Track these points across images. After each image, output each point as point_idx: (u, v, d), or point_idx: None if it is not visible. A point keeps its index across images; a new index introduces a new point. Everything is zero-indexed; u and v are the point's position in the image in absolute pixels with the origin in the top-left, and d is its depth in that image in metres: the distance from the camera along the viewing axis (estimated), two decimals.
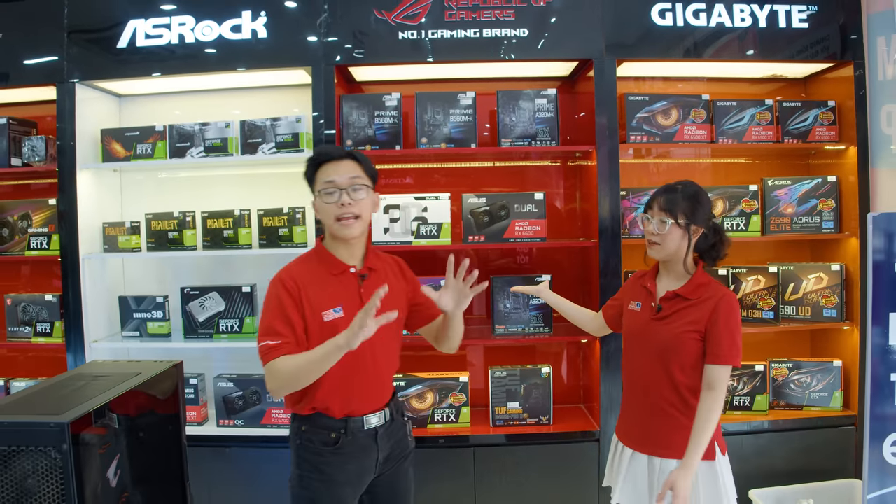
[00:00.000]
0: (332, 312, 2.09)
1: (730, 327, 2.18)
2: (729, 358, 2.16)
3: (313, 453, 2.13)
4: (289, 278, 2.10)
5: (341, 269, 2.16)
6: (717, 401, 2.13)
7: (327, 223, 2.14)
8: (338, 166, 2.14)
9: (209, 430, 3.50)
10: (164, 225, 3.54)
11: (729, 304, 2.21)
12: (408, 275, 2.38)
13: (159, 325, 3.57)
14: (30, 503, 1.23)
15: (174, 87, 3.75)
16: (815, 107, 3.50)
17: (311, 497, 2.15)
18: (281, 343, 2.00)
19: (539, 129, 3.35)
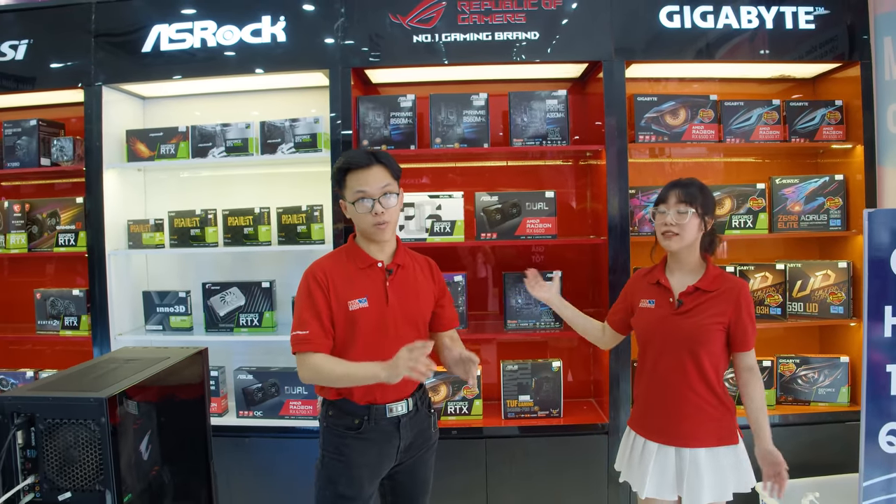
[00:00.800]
0: (356, 302, 2.24)
1: (751, 314, 2.34)
2: (753, 342, 2.35)
3: (337, 436, 2.26)
4: (319, 270, 2.26)
5: (368, 263, 2.31)
6: (761, 380, 2.37)
7: (362, 227, 2.29)
8: (367, 174, 2.25)
9: (229, 420, 3.62)
10: (186, 222, 3.67)
11: (747, 294, 2.37)
12: (437, 276, 2.50)
13: (182, 319, 3.69)
14: (72, 471, 1.34)
15: (196, 90, 3.87)
16: (822, 106, 3.55)
17: (329, 476, 2.27)
18: (309, 334, 2.18)
19: (550, 129, 3.44)
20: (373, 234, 2.29)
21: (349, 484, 2.26)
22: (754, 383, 2.36)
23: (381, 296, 2.28)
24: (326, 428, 2.31)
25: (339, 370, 2.15)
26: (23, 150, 3.75)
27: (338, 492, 2.26)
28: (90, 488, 1.39)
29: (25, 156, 3.75)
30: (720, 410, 2.37)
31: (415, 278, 2.39)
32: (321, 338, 2.19)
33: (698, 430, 2.35)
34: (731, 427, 2.38)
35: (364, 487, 2.29)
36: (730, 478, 2.36)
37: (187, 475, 1.68)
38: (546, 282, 2.77)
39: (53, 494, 1.38)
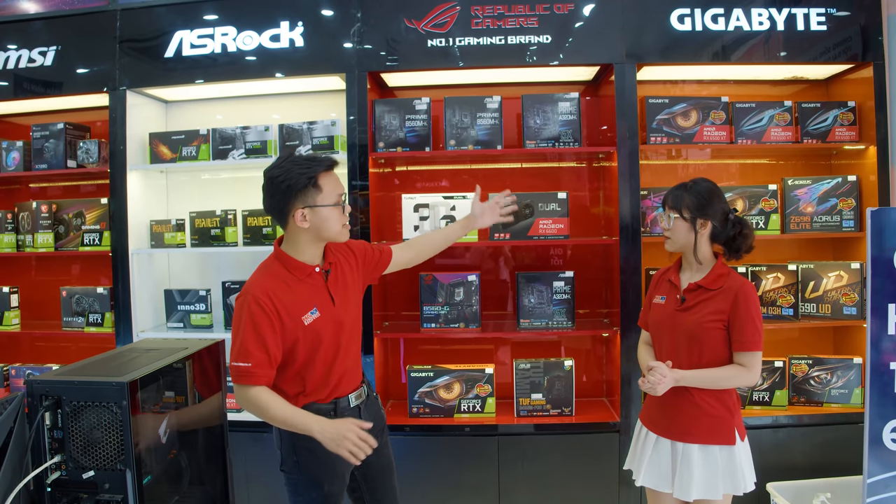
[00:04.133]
0: (309, 315, 2.20)
1: (751, 314, 2.32)
2: (752, 344, 2.32)
3: (309, 440, 2.14)
4: (263, 294, 2.13)
5: (307, 272, 2.26)
6: (741, 375, 2.31)
7: (330, 230, 2.23)
8: (335, 176, 2.27)
9: (246, 416, 3.66)
10: (206, 222, 3.76)
11: (747, 292, 2.35)
12: (355, 248, 2.50)
13: (202, 316, 3.79)
14: (96, 451, 1.42)
15: (217, 94, 3.98)
16: (835, 107, 3.57)
17: (310, 479, 2.26)
18: (252, 367, 2.08)
19: (563, 131, 3.49)
20: (340, 235, 2.28)
21: (333, 480, 2.29)
22: (733, 369, 2.34)
23: (326, 300, 2.27)
24: (295, 435, 2.19)
25: (278, 414, 2.10)
26: (50, 153, 3.88)
27: (325, 491, 2.28)
28: (112, 467, 1.47)
29: (53, 158, 3.88)
30: (717, 409, 2.39)
31: (344, 269, 2.39)
32: (265, 368, 2.11)
33: (692, 426, 2.39)
34: (727, 427, 2.38)
35: (346, 479, 2.36)
36: (721, 477, 2.37)
37: (204, 462, 1.76)
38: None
39: (78, 473, 1.47)
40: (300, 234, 2.23)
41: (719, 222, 2.44)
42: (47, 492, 1.51)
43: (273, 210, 2.23)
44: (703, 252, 2.47)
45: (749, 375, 2.32)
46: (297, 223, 2.19)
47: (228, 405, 3.62)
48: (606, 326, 3.68)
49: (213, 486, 1.97)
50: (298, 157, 2.21)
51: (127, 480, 1.46)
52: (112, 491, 1.49)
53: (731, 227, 2.44)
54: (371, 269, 2.55)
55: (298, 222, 2.19)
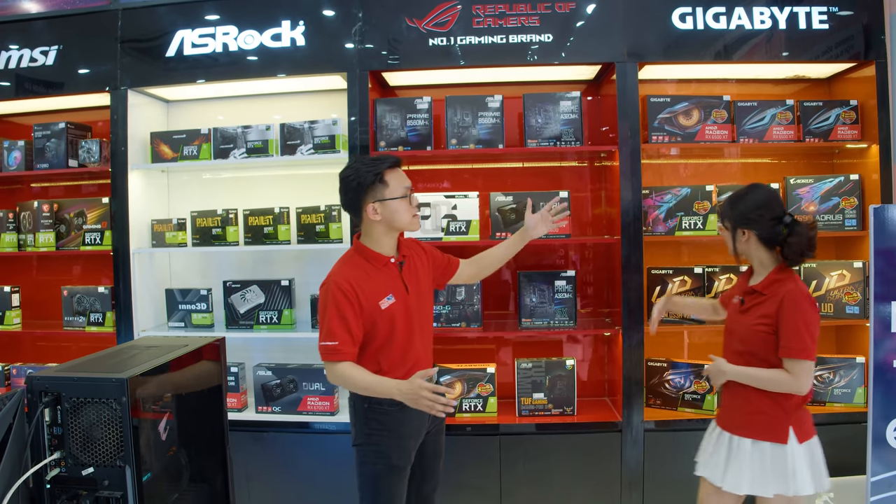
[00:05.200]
0: (386, 300, 2.42)
1: (794, 321, 2.30)
2: (794, 350, 2.29)
3: (382, 413, 2.42)
4: (344, 282, 2.37)
5: (384, 262, 2.48)
6: (786, 381, 2.30)
7: (401, 220, 2.46)
8: (400, 172, 2.51)
9: (248, 416, 3.69)
10: (208, 222, 3.76)
11: (792, 298, 2.33)
12: (426, 248, 2.72)
13: (203, 316, 3.78)
14: (95, 447, 1.41)
15: (218, 93, 3.98)
16: (837, 106, 3.56)
17: (380, 450, 2.44)
18: (338, 345, 2.33)
19: (564, 130, 3.48)
20: (410, 225, 2.50)
21: (401, 455, 2.47)
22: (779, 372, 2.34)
23: (401, 289, 2.48)
24: (369, 408, 2.44)
25: (363, 382, 2.34)
26: (52, 152, 3.88)
27: (391, 464, 2.44)
28: (111, 464, 1.47)
29: (54, 157, 3.88)
30: (772, 408, 2.38)
31: (416, 264, 2.60)
32: (349, 346, 2.35)
33: (747, 421, 2.42)
34: (781, 426, 2.37)
35: (411, 457, 2.52)
36: (771, 476, 2.38)
37: (204, 459, 1.75)
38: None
39: (77, 469, 1.46)
40: (374, 227, 2.47)
41: (765, 230, 2.41)
42: (46, 488, 1.51)
43: (348, 206, 2.51)
44: (758, 257, 2.49)
45: (793, 382, 2.30)
46: (369, 216, 2.44)
47: (229, 404, 3.64)
48: (608, 325, 3.67)
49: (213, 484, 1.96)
50: (366, 157, 2.50)
51: (126, 477, 1.45)
52: (111, 488, 1.48)
53: (780, 233, 2.41)
54: (440, 272, 2.76)
55: (371, 216, 2.43)
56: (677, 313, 3.35)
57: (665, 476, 3.46)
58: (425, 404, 2.17)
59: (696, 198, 3.53)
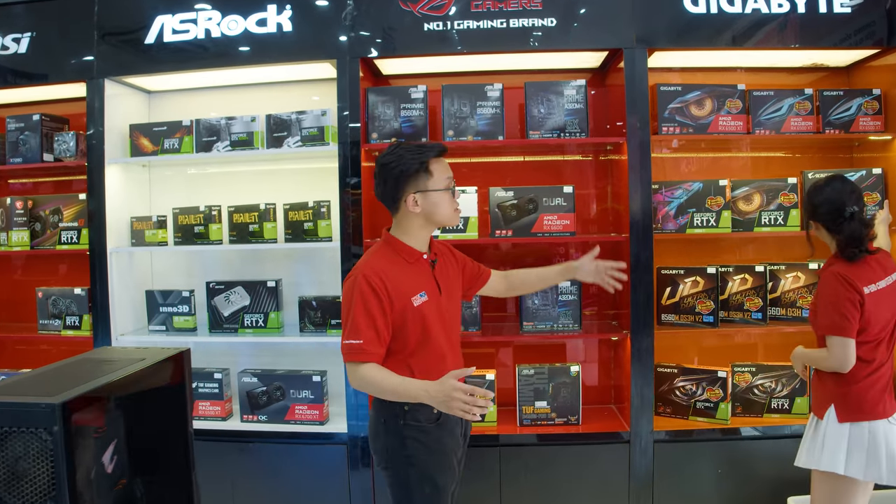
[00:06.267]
0: (419, 297, 2.23)
1: (824, 299, 2.46)
2: (824, 327, 2.44)
3: (420, 430, 2.22)
4: (374, 274, 2.16)
5: (416, 257, 2.30)
6: (824, 358, 2.45)
7: (442, 213, 2.28)
8: (444, 162, 2.32)
9: (233, 425, 3.49)
10: (190, 219, 3.55)
11: (824, 279, 2.50)
12: (457, 255, 2.54)
13: (185, 319, 3.57)
14: (22, 486, 1.20)
15: (202, 83, 3.76)
16: (859, 95, 3.34)
17: (423, 472, 2.23)
18: (363, 344, 2.13)
19: (568, 120, 3.26)
20: (451, 220, 2.34)
21: (446, 473, 2.27)
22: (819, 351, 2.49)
23: (433, 287, 2.31)
24: (405, 425, 2.22)
25: (389, 385, 2.12)
26: (26, 146, 3.66)
27: (438, 484, 2.24)
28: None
29: (28, 151, 3.66)
30: (816, 383, 2.57)
31: (448, 265, 2.44)
32: (375, 346, 2.15)
33: (815, 400, 2.61)
34: (822, 401, 2.50)
35: (455, 473, 2.34)
36: (806, 445, 2.54)
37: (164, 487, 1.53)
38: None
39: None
40: (412, 219, 2.28)
41: (828, 222, 2.50)
42: None
43: (386, 195, 2.29)
44: (829, 245, 2.57)
45: (828, 358, 2.43)
46: (409, 208, 2.25)
47: (213, 413, 3.43)
48: (616, 329, 3.46)
49: None
50: (410, 144, 2.32)
51: None
52: None
53: (839, 226, 2.48)
54: (470, 279, 2.58)
55: (410, 207, 2.24)
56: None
57: (676, 490, 3.26)
58: (459, 407, 1.95)
59: (709, 193, 3.32)
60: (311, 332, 3.47)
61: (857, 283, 2.40)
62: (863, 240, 2.45)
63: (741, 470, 3.29)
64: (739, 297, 3.37)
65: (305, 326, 3.48)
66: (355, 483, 3.32)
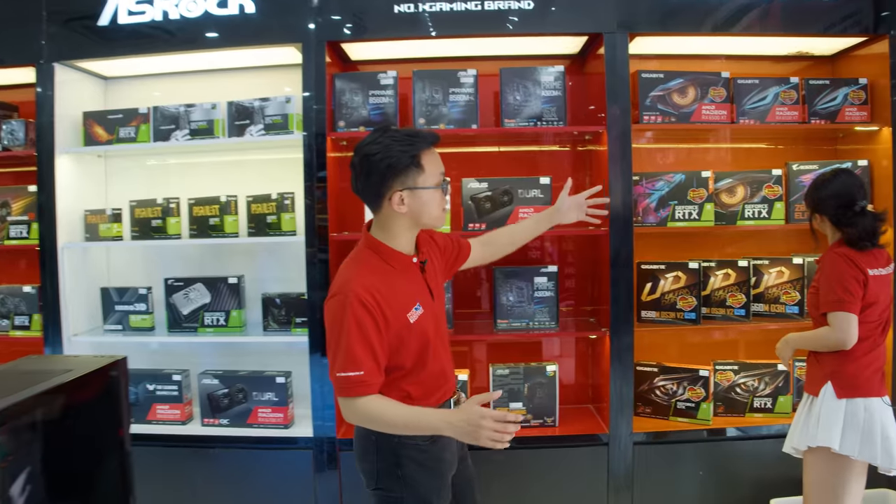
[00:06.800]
0: (414, 312, 1.98)
1: (828, 277, 2.45)
2: (828, 304, 2.42)
3: (416, 449, 1.99)
4: (365, 292, 1.88)
5: (406, 263, 2.04)
6: (827, 335, 2.44)
7: (431, 214, 2.00)
8: (436, 154, 2.03)
9: (193, 429, 3.30)
10: (147, 213, 3.35)
11: (826, 259, 2.51)
12: (437, 238, 2.27)
13: (142, 317, 3.38)
14: None
15: (161, 69, 3.55)
16: (845, 85, 3.24)
17: (419, 495, 2.02)
18: (364, 376, 1.87)
19: (545, 108, 3.11)
20: (439, 221, 2.05)
21: (442, 494, 2.08)
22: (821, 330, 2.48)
23: (426, 295, 2.06)
24: (399, 444, 1.99)
25: (400, 420, 1.89)
26: None
27: None
28: None
29: None
30: (812, 362, 2.58)
31: (433, 259, 2.18)
32: (376, 376, 1.90)
33: (809, 377, 2.61)
34: (818, 379, 2.51)
35: (451, 492, 2.14)
36: (801, 419, 2.55)
37: None
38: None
39: None
40: (395, 220, 1.99)
41: (836, 216, 2.50)
42: None
43: (367, 191, 1.97)
44: (829, 235, 2.58)
45: (832, 334, 2.42)
46: (393, 207, 1.95)
47: (172, 416, 3.23)
48: (594, 327, 3.33)
49: None
50: (397, 132, 1.97)
51: None
52: None
53: (848, 219, 2.48)
54: (450, 263, 2.33)
55: (395, 206, 1.94)
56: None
57: (656, 493, 3.14)
58: (489, 437, 1.74)
59: (691, 185, 3.19)
60: (275, 331, 3.30)
61: (862, 264, 2.43)
62: (876, 234, 2.47)
63: (723, 472, 3.19)
64: (722, 293, 3.26)
65: (269, 325, 3.31)
66: (322, 489, 3.16)
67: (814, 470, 2.51)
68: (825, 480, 2.47)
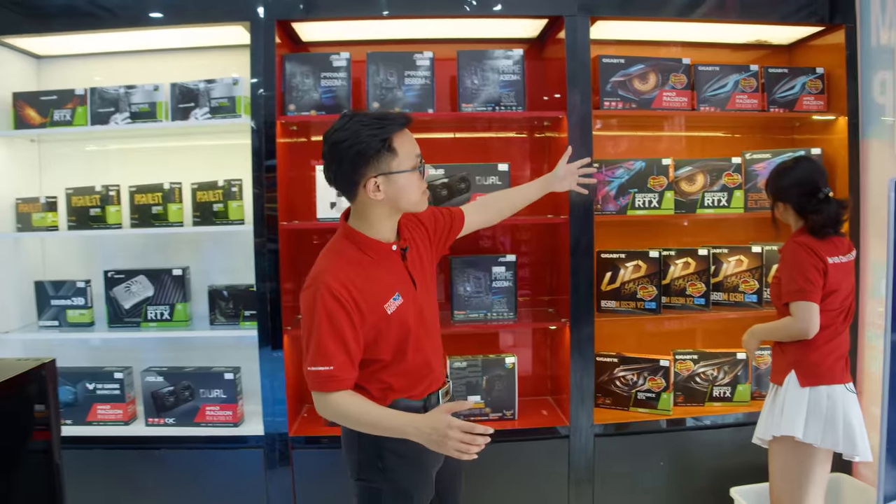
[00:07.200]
0: (392, 302, 1.92)
1: (788, 266, 2.45)
2: (789, 293, 2.42)
3: (399, 442, 1.88)
4: (338, 284, 1.82)
5: (385, 252, 1.96)
6: (789, 325, 2.43)
7: (409, 199, 1.93)
8: (409, 136, 1.94)
9: (137, 429, 3.13)
10: (85, 201, 3.15)
11: (787, 248, 2.49)
12: (424, 219, 2.16)
13: (80, 313, 3.18)
14: None
15: (99, 48, 3.34)
16: (803, 74, 3.23)
17: (399, 488, 1.99)
18: (335, 370, 1.83)
19: (504, 93, 3.02)
20: (419, 205, 1.97)
21: (424, 489, 2.04)
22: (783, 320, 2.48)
23: (408, 283, 1.99)
24: (380, 436, 1.92)
25: (367, 419, 1.87)
26: None
27: (413, 501, 2.02)
28: None
29: None
30: (776, 352, 2.59)
31: (419, 246, 2.09)
32: (348, 371, 1.86)
33: (774, 367, 2.62)
34: (782, 368, 2.52)
35: (433, 487, 2.09)
36: (766, 409, 2.56)
37: None
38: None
39: None
40: (373, 208, 1.92)
41: (798, 204, 2.48)
42: None
43: (339, 180, 1.91)
44: (792, 224, 2.56)
45: (793, 324, 2.41)
46: (369, 194, 1.87)
47: (114, 417, 3.06)
48: (553, 317, 3.26)
49: None
50: (365, 115, 1.88)
51: None
52: None
53: (811, 207, 2.46)
54: (443, 239, 2.23)
55: (371, 193, 1.87)
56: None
57: (617, 485, 3.12)
58: (455, 447, 1.70)
59: (651, 172, 3.14)
60: (223, 324, 3.15)
61: (822, 252, 2.42)
62: (840, 221, 2.47)
63: (683, 461, 3.17)
64: (682, 283, 3.23)
65: (216, 319, 3.15)
66: (274, 487, 3.04)
67: (779, 459, 2.51)
68: (790, 469, 2.47)
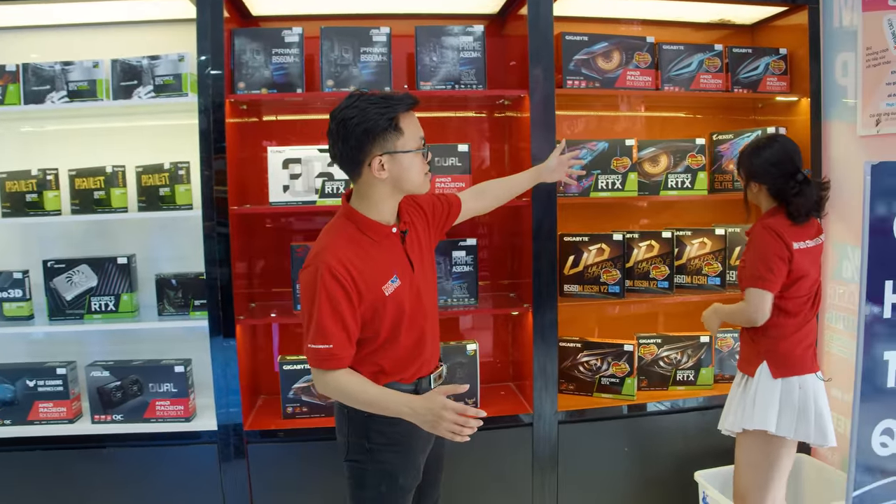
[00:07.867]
0: (390, 284, 1.97)
1: (751, 252, 2.40)
2: (747, 279, 2.37)
3: (387, 424, 1.97)
4: (337, 264, 1.87)
5: (384, 234, 2.01)
6: (742, 311, 2.40)
7: (412, 180, 1.98)
8: (415, 117, 2.01)
9: (83, 427, 2.97)
10: (20, 186, 2.96)
11: (755, 232, 2.42)
12: (423, 203, 2.22)
13: (18, 305, 3.00)
14: None
15: (33, 20, 3.13)
16: (766, 55, 3.20)
17: (385, 470, 2.04)
18: (334, 348, 1.89)
19: (464, 70, 2.92)
20: (422, 186, 2.03)
21: (410, 473, 2.08)
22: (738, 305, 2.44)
23: (406, 266, 2.03)
24: (369, 418, 1.98)
25: (364, 398, 1.93)
26: None
27: (398, 484, 2.05)
28: None
29: None
30: (746, 340, 2.52)
31: (418, 230, 2.13)
32: (346, 349, 1.92)
33: (742, 357, 2.56)
34: (752, 358, 2.45)
35: (420, 473, 2.14)
36: (734, 401, 2.50)
37: None
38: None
39: None
40: (376, 187, 1.96)
41: (775, 186, 2.40)
42: None
43: (345, 158, 1.94)
44: (764, 206, 2.48)
45: (745, 310, 2.38)
46: (373, 173, 1.92)
47: (57, 415, 2.90)
48: (516, 302, 3.19)
49: None
50: (372, 95, 1.93)
51: None
52: None
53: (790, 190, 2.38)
54: (441, 224, 2.29)
55: (375, 172, 1.92)
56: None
57: (581, 471, 3.09)
58: (448, 429, 1.78)
59: (615, 153, 3.08)
60: (172, 314, 3.00)
61: (787, 237, 2.34)
62: (822, 205, 2.44)
63: (648, 446, 3.16)
64: (645, 266, 3.19)
65: (165, 309, 3.01)
66: (229, 483, 2.92)
67: (748, 451, 2.47)
68: (759, 462, 2.44)
